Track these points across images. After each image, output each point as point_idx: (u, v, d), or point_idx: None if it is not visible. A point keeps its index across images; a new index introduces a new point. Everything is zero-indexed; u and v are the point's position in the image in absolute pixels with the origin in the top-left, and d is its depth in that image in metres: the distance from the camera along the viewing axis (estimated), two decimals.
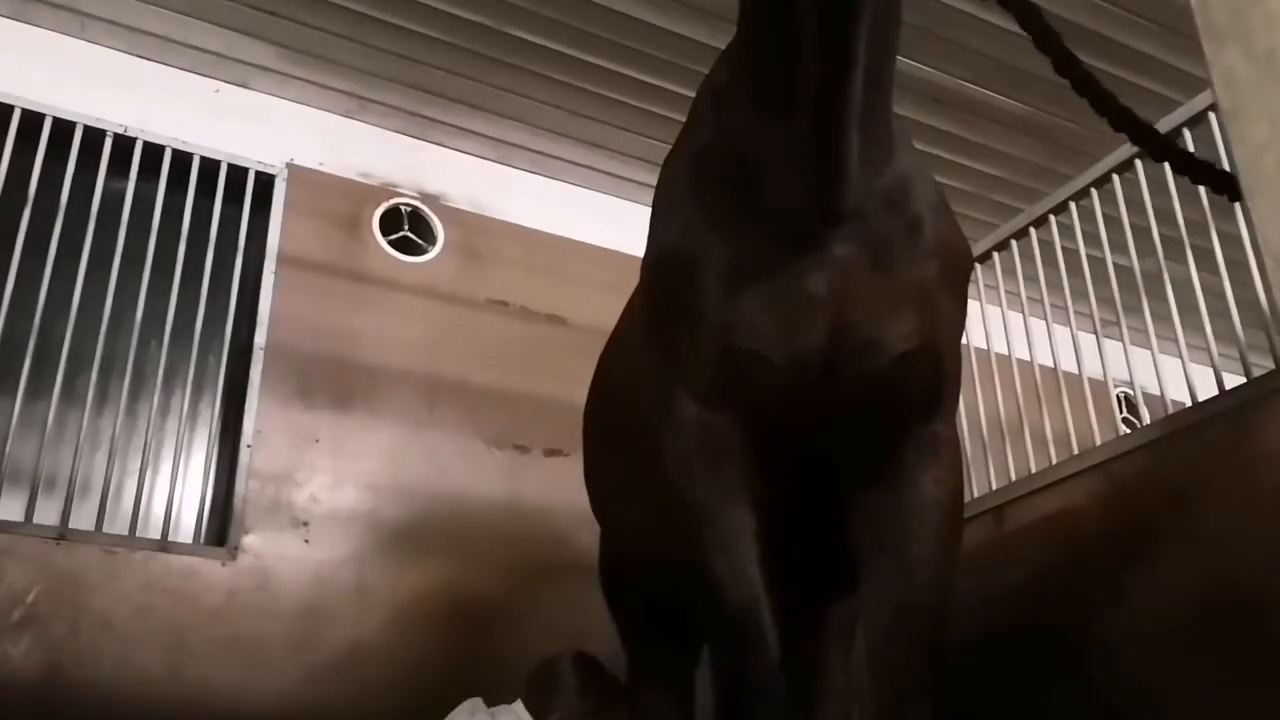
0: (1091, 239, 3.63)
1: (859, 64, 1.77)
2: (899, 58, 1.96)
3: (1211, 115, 3.12)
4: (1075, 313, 3.69)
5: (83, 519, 3.59)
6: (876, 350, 1.93)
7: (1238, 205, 2.29)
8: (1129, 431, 3.92)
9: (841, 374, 1.93)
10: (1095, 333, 3.59)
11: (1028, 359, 3.86)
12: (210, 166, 4.32)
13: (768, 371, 1.92)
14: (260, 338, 4.13)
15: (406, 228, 4.69)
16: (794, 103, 1.83)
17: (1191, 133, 3.26)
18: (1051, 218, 3.81)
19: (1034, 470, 3.57)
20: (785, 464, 2.05)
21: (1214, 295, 3.15)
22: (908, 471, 1.98)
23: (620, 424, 2.68)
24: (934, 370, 2.00)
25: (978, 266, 4.09)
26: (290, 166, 4.51)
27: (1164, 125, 3.34)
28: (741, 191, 1.96)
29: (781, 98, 1.85)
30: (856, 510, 2.03)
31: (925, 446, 2.00)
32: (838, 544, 2.08)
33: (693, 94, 2.26)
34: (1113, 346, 3.53)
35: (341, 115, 4.79)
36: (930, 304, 1.98)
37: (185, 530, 3.86)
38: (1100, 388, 3.65)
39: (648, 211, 2.23)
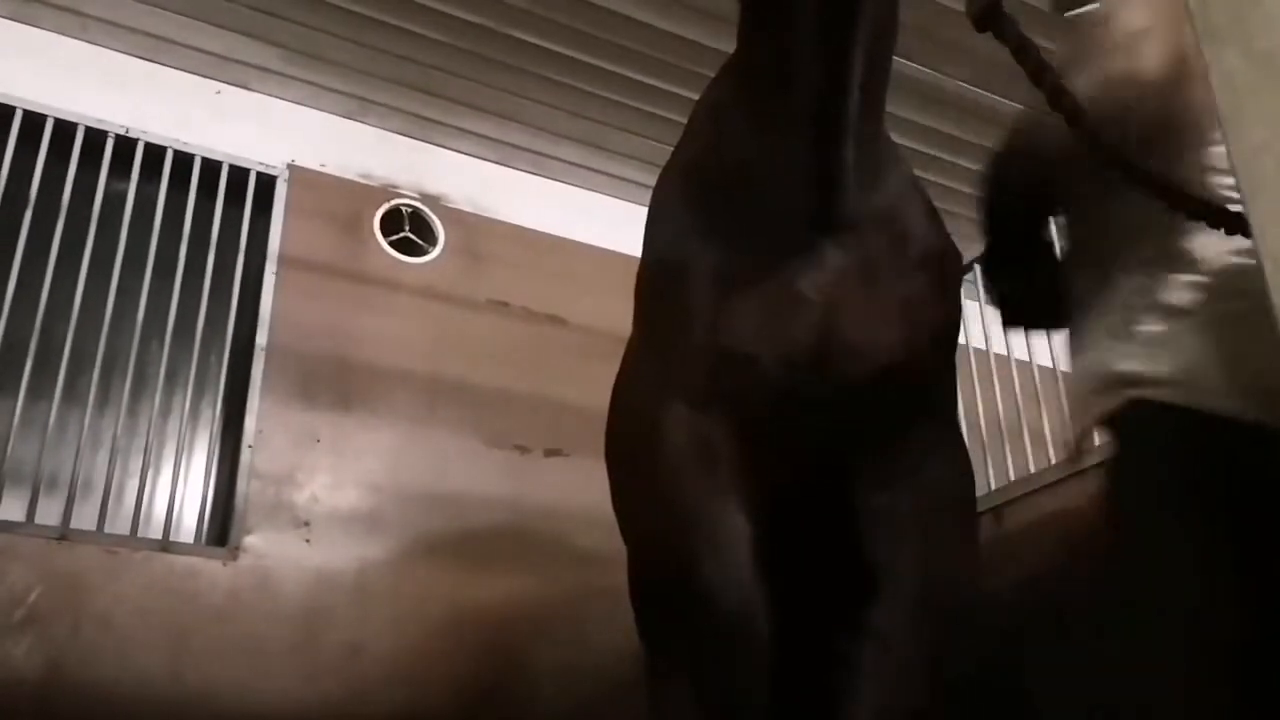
0: None
1: (856, 79, 1.79)
2: (898, 59, 1.97)
3: None
4: None
5: (84, 519, 3.59)
6: (862, 358, 1.93)
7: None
8: None
9: (830, 376, 1.93)
10: None
11: (1027, 359, 3.86)
12: (212, 167, 4.33)
13: (757, 371, 1.92)
14: (261, 338, 4.14)
15: (407, 228, 4.69)
16: (791, 116, 1.84)
17: None
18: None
19: (1033, 470, 3.58)
20: (787, 469, 2.03)
21: None
22: (911, 472, 1.98)
23: (621, 435, 2.67)
24: (920, 381, 2.00)
25: (976, 268, 4.09)
26: (291, 167, 4.51)
27: None
28: (735, 199, 1.97)
29: (779, 111, 1.86)
30: (864, 513, 2.01)
31: (926, 447, 2.01)
32: (850, 552, 2.05)
33: (692, 95, 2.28)
34: None
35: (342, 116, 4.80)
36: (917, 318, 1.99)
37: (186, 530, 3.87)
38: None
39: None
